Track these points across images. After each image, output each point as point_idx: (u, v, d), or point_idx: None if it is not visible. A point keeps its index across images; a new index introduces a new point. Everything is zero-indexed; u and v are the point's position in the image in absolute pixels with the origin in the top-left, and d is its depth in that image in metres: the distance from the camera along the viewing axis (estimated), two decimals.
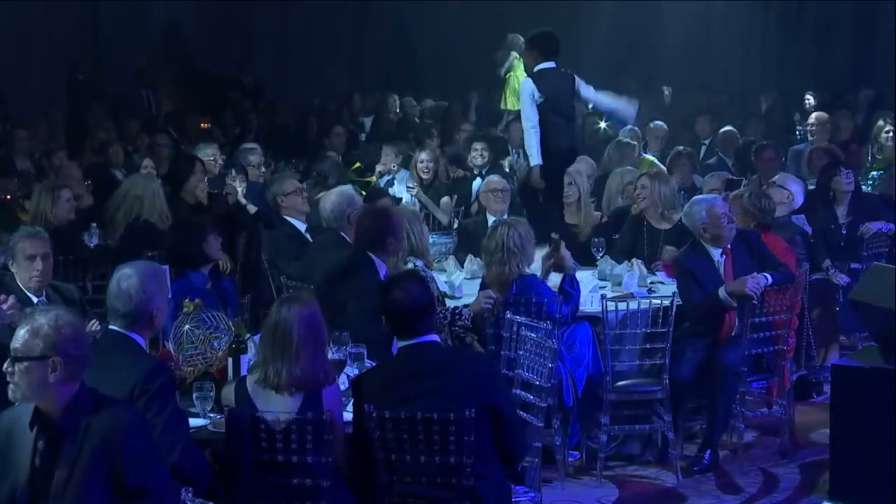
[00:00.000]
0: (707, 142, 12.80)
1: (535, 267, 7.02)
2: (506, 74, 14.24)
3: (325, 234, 7.62)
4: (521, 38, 14.07)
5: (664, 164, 10.91)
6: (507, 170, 11.17)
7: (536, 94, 8.39)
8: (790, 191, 8.60)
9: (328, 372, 4.81)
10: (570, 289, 6.84)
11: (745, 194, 7.89)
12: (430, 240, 8.84)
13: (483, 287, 6.90)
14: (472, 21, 19.16)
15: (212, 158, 9.77)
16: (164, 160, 10.60)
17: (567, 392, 6.80)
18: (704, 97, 16.55)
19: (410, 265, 6.67)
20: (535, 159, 8.44)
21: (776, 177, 8.98)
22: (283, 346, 4.69)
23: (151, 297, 4.69)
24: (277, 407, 4.68)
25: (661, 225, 8.26)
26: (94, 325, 5.74)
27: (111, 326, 4.73)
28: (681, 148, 10.86)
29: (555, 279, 6.97)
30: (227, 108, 15.08)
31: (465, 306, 6.82)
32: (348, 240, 7.23)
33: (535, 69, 8.51)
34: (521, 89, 8.61)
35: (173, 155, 10.70)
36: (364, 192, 9.39)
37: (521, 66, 14.15)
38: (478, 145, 11.02)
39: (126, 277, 4.69)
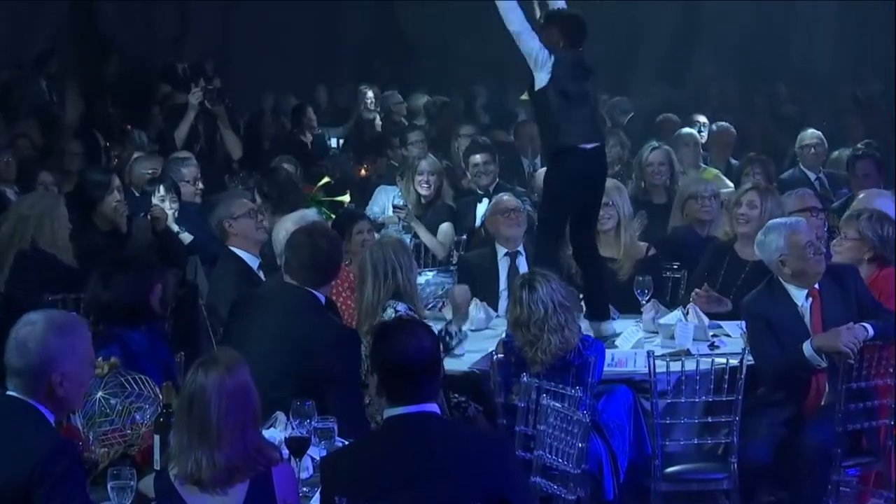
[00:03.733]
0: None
1: None
2: None
3: (278, 276, 7.59)
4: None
5: (731, 179, 10.96)
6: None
7: (547, 60, 7.92)
8: None
9: (266, 451, 4.78)
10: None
11: (863, 215, 7.89)
12: (423, 279, 8.90)
13: (520, 361, 6.83)
14: None
15: (150, 173, 9.81)
16: (72, 174, 10.63)
17: (608, 480, 6.81)
18: (784, 90, 16.62)
19: (390, 311, 6.67)
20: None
21: (860, 195, 9.01)
22: (200, 427, 4.63)
23: (54, 356, 4.65)
24: None
25: (748, 255, 8.27)
26: None
27: (8, 391, 4.73)
28: (752, 154, 10.89)
29: None
30: (154, 104, 15.11)
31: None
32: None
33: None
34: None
35: (85, 167, 10.73)
36: (333, 217, 9.43)
37: None
38: (478, 157, 10.84)
39: (27, 324, 4.69)
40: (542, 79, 7.96)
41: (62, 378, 4.68)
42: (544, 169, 10.58)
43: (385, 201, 10.62)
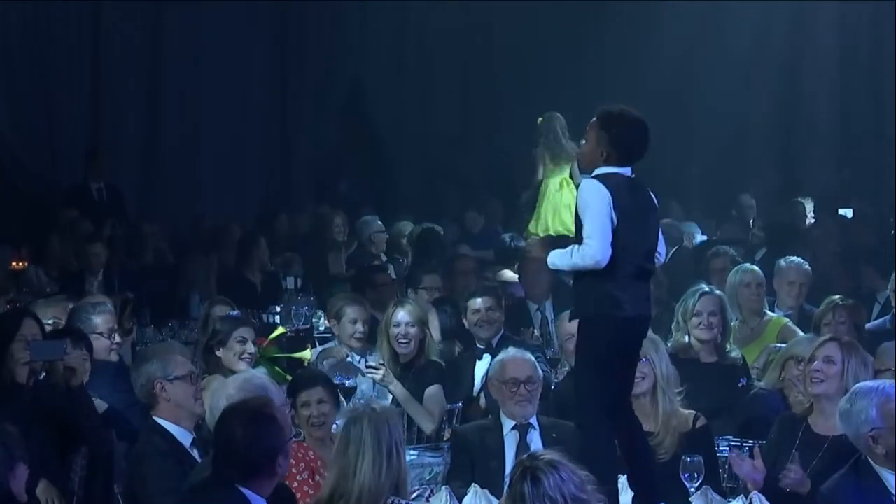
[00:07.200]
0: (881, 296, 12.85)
1: None
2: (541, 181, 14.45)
3: (207, 460, 7.55)
4: (560, 120, 14.34)
5: (804, 329, 10.95)
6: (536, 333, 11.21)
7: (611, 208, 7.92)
8: None
9: None
10: None
11: None
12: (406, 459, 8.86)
13: None
14: (471, 88, 19.41)
15: (51, 323, 9.77)
16: None
17: None
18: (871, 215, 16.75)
19: None
20: (562, 260, 8.22)
21: None
22: None
23: None
24: None
25: (827, 429, 8.23)
26: None
27: None
28: (836, 298, 10.88)
29: None
30: (57, 234, 15.14)
31: None
32: None
33: (599, 172, 8.10)
34: (586, 191, 8.00)
35: None
36: (289, 378, 9.40)
37: (559, 173, 14.42)
38: (478, 302, 10.89)
39: None
40: None
41: None
42: (565, 315, 10.62)
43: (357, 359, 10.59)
